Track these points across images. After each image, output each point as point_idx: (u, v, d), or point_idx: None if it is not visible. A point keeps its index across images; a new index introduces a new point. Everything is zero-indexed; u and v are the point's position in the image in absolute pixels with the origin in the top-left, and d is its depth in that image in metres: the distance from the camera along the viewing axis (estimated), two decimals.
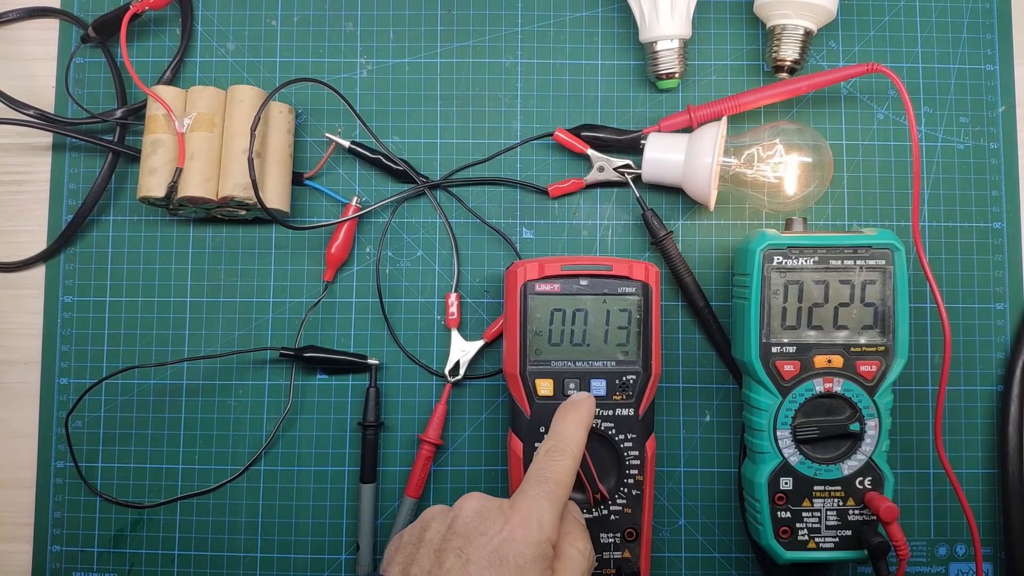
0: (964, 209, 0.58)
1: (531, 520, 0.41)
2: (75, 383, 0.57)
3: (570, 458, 0.45)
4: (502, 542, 0.40)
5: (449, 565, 0.40)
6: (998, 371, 0.58)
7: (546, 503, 0.42)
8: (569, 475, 0.44)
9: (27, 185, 0.59)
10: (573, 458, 0.45)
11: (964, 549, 0.57)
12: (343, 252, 0.57)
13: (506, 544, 0.40)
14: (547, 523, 0.42)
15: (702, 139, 0.53)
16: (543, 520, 0.42)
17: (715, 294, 0.57)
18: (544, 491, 0.43)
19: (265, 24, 0.60)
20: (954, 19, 0.60)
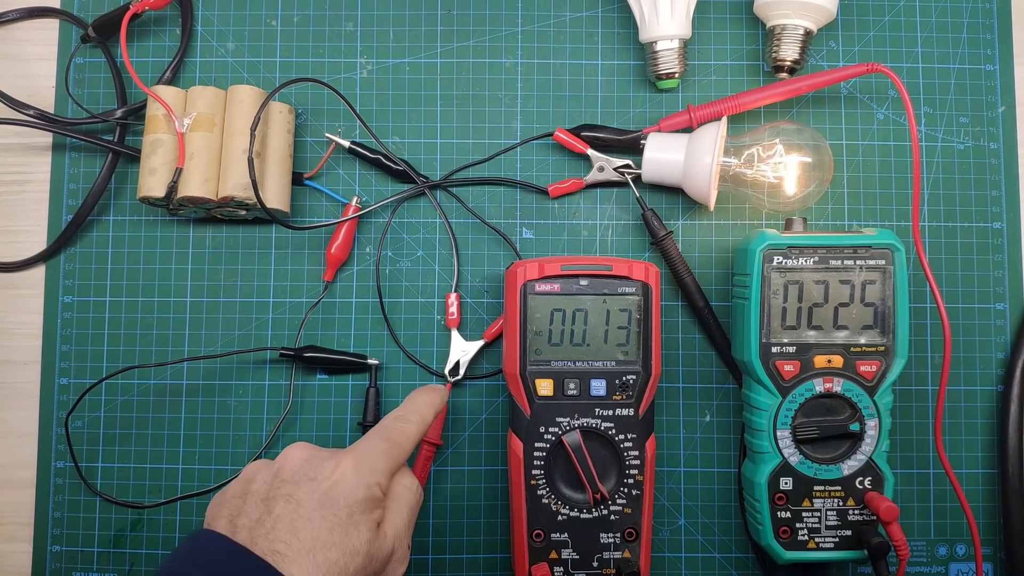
0: (964, 209, 0.58)
1: (363, 463, 0.42)
2: (75, 383, 0.57)
3: (415, 427, 0.47)
4: (332, 484, 0.41)
5: (279, 511, 0.40)
6: (998, 371, 0.58)
7: (383, 455, 0.43)
8: (411, 441, 0.46)
9: (27, 185, 0.59)
10: (418, 428, 0.47)
11: (964, 549, 0.57)
12: (343, 252, 0.57)
13: (336, 487, 0.41)
14: (379, 470, 0.43)
15: (702, 139, 0.53)
16: (375, 467, 0.43)
17: (715, 294, 0.57)
18: (383, 446, 0.44)
19: (265, 24, 0.60)
20: (954, 19, 0.60)
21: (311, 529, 0.39)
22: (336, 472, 0.41)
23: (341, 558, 0.39)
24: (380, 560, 0.41)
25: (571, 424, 0.51)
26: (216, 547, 0.39)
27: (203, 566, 0.38)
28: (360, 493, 0.41)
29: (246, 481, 0.42)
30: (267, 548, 0.38)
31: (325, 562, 0.39)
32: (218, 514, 0.41)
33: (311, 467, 0.42)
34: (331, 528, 0.40)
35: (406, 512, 0.44)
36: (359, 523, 0.41)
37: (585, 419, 0.51)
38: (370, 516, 0.41)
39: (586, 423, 0.51)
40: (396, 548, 0.43)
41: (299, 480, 0.41)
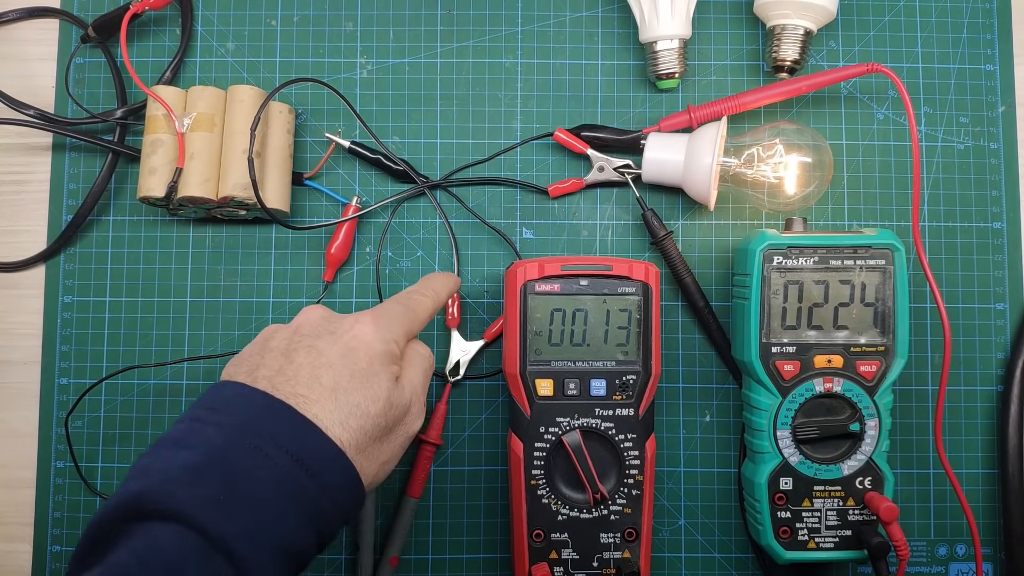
0: (964, 209, 0.58)
1: (381, 321, 0.43)
2: (75, 383, 0.57)
3: (430, 301, 0.48)
4: (352, 337, 0.42)
5: (300, 360, 0.40)
6: (998, 371, 0.58)
7: (399, 317, 0.44)
8: (426, 312, 0.47)
9: (27, 185, 0.59)
10: (433, 303, 0.48)
11: (964, 549, 0.57)
12: (343, 252, 0.57)
13: (356, 339, 0.42)
14: (396, 330, 0.44)
15: (702, 139, 0.53)
16: (392, 326, 0.44)
17: (715, 294, 0.57)
18: (400, 310, 0.45)
19: (265, 24, 0.60)
20: (954, 19, 0.60)
21: (332, 375, 0.40)
22: (356, 327, 0.42)
23: (363, 401, 0.40)
24: (399, 408, 0.42)
25: (571, 424, 0.51)
26: (235, 393, 0.40)
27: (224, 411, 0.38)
28: (379, 347, 0.42)
29: (264, 339, 0.43)
30: (289, 392, 0.39)
31: (347, 404, 0.40)
32: (236, 371, 0.42)
33: (330, 323, 0.43)
34: (352, 375, 0.40)
35: (421, 373, 0.45)
36: (379, 372, 0.41)
37: (585, 419, 0.51)
38: (389, 368, 0.42)
39: (586, 423, 0.51)
40: (413, 402, 0.44)
41: (319, 333, 0.42)
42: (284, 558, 0.36)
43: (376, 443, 0.41)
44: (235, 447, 0.37)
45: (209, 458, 0.36)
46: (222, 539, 0.34)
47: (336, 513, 0.39)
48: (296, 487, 0.37)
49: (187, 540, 0.34)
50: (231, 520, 0.35)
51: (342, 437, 0.39)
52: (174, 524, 0.35)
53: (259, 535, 0.36)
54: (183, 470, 0.36)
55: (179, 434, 0.38)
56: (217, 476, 0.36)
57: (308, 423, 0.38)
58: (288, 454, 0.37)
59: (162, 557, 0.34)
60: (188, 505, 0.35)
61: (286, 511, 0.37)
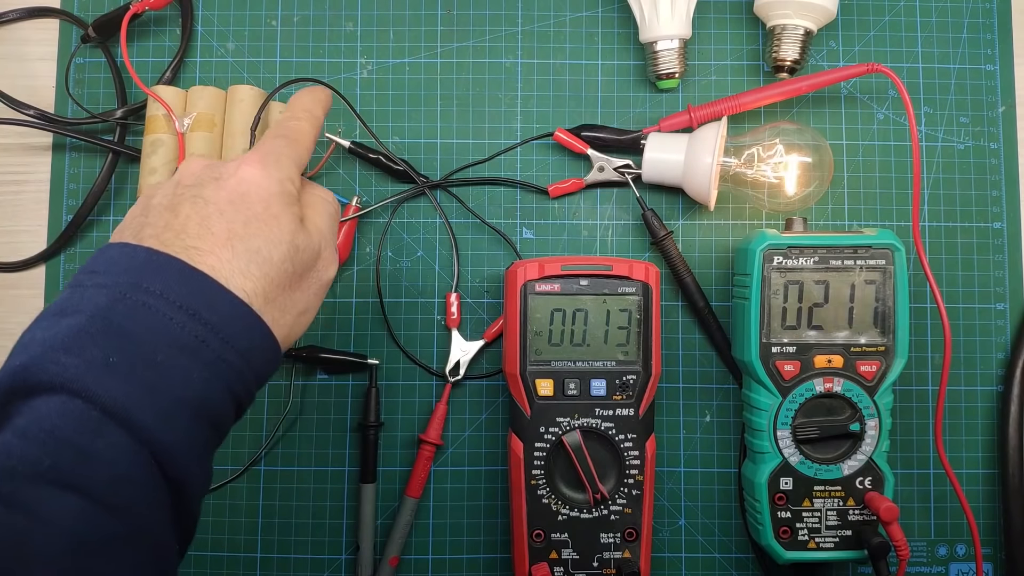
0: (964, 209, 0.58)
1: (269, 158, 0.40)
2: None
3: (307, 124, 0.44)
4: (239, 181, 0.38)
5: (187, 211, 0.37)
6: (998, 371, 0.58)
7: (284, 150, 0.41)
8: (307, 137, 0.43)
9: (27, 185, 0.59)
10: (310, 125, 0.44)
11: (964, 549, 0.57)
12: (343, 252, 0.57)
13: (244, 183, 0.38)
14: (285, 166, 0.40)
15: (702, 139, 0.53)
16: (280, 162, 0.40)
17: (715, 294, 0.57)
18: (281, 143, 0.41)
19: (265, 24, 0.60)
20: (954, 19, 0.60)
21: (225, 222, 0.37)
22: (241, 169, 0.39)
23: (264, 246, 0.37)
24: (307, 252, 0.39)
25: (571, 424, 0.51)
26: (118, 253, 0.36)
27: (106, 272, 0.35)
28: (273, 187, 0.39)
29: (145, 199, 0.40)
30: (180, 247, 0.36)
31: (246, 251, 0.36)
32: (120, 235, 0.38)
33: (212, 170, 0.39)
34: (246, 220, 0.37)
35: (326, 217, 0.42)
36: (277, 215, 0.38)
37: (585, 419, 0.51)
38: (289, 209, 0.39)
39: (586, 423, 0.51)
40: (323, 247, 0.41)
41: (203, 182, 0.38)
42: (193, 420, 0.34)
43: (286, 291, 0.38)
44: (120, 306, 0.34)
45: (92, 321, 0.33)
46: (114, 404, 0.32)
47: (247, 368, 0.36)
48: (194, 341, 0.34)
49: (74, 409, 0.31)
50: (123, 382, 0.32)
51: (244, 287, 0.36)
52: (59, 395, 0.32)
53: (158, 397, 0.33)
54: (65, 337, 0.33)
55: (61, 302, 0.35)
56: (103, 339, 0.33)
57: (200, 274, 0.35)
58: (181, 308, 0.34)
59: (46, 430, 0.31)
60: (73, 372, 0.32)
61: (189, 369, 0.34)
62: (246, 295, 0.36)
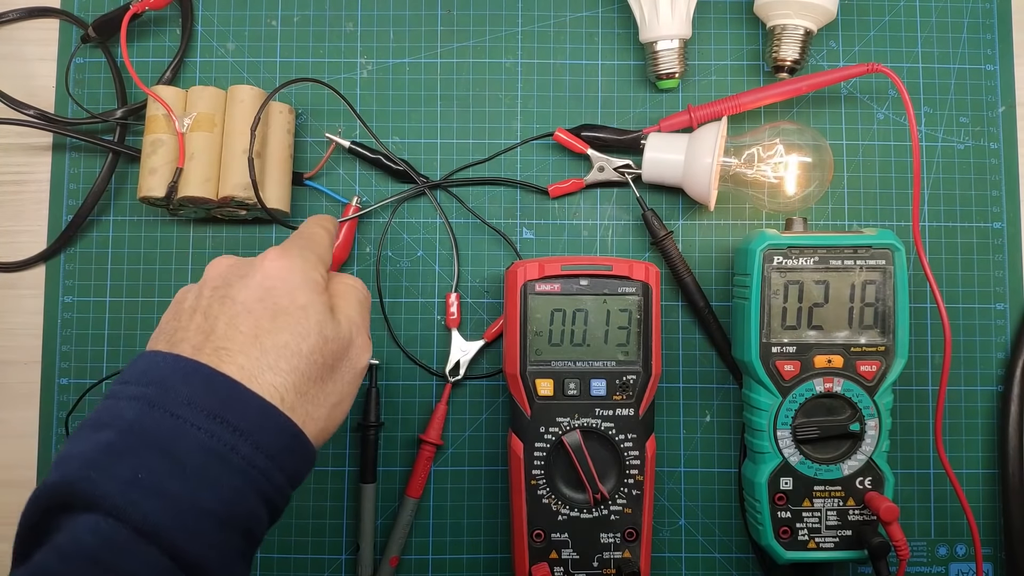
0: (964, 209, 0.58)
1: (290, 251, 0.40)
2: (75, 383, 0.57)
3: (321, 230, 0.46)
4: (265, 276, 0.39)
5: (216, 312, 0.37)
6: (998, 371, 0.58)
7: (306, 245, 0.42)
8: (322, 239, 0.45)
9: (27, 185, 0.59)
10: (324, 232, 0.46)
11: (964, 549, 0.57)
12: (343, 252, 0.57)
13: (270, 277, 0.39)
14: (309, 258, 0.41)
15: (702, 139, 0.53)
16: (304, 254, 0.41)
17: (715, 294, 0.57)
18: (299, 241, 0.43)
19: (265, 24, 0.60)
20: (954, 19, 0.60)
21: (252, 320, 0.37)
22: (265, 263, 0.39)
23: (292, 340, 0.37)
24: (337, 342, 0.39)
25: (571, 424, 0.51)
26: (148, 362, 0.36)
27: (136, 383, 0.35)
28: (296, 277, 0.39)
29: (176, 304, 0.40)
30: (211, 349, 0.36)
31: (274, 346, 0.36)
32: (156, 342, 0.38)
33: (238, 268, 0.40)
34: (274, 315, 0.37)
35: (356, 304, 0.42)
36: (304, 305, 0.38)
37: (585, 419, 0.51)
38: (317, 299, 0.39)
39: (586, 423, 0.51)
40: (355, 335, 0.41)
41: (230, 282, 0.39)
42: (220, 528, 0.33)
43: (318, 384, 0.38)
44: (148, 419, 0.34)
45: (122, 436, 0.33)
46: (143, 522, 0.31)
47: (278, 471, 0.35)
48: (223, 448, 0.34)
49: (107, 529, 0.31)
50: (152, 498, 0.32)
51: (274, 382, 0.36)
52: (94, 513, 0.32)
53: (187, 511, 0.32)
54: (97, 453, 0.33)
55: (96, 415, 0.35)
56: (131, 455, 0.33)
57: (227, 379, 0.35)
58: (208, 415, 0.34)
59: (83, 552, 0.31)
60: (103, 490, 0.32)
61: (218, 478, 0.33)
62: (276, 391, 0.36)
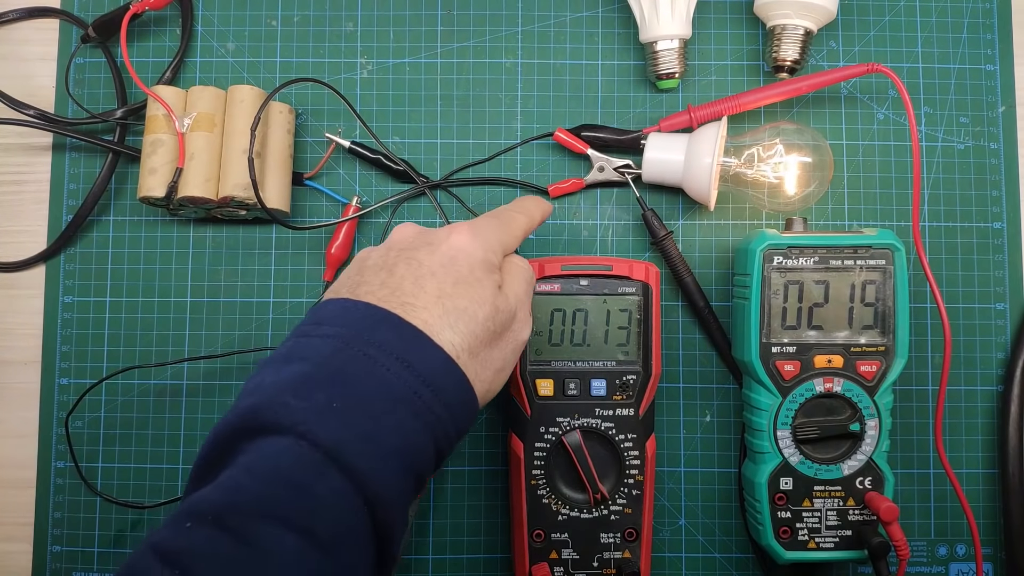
0: (964, 209, 0.58)
1: (478, 231, 0.42)
2: (75, 383, 0.57)
3: (524, 218, 0.47)
4: (450, 247, 0.41)
5: (401, 271, 0.40)
6: (998, 371, 0.58)
7: (495, 229, 0.43)
8: (520, 228, 0.46)
9: (27, 185, 0.59)
10: (526, 220, 0.47)
11: (964, 549, 0.57)
12: (343, 252, 0.57)
13: (454, 248, 0.41)
14: (492, 240, 0.43)
15: (702, 139, 0.53)
16: (489, 237, 0.43)
17: (715, 294, 0.57)
18: (493, 222, 0.44)
19: (265, 24, 0.60)
20: (954, 19, 0.60)
21: (436, 282, 0.39)
22: (452, 236, 0.42)
23: (470, 305, 0.39)
24: (506, 314, 0.41)
25: (571, 424, 0.51)
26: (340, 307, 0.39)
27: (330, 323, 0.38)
28: (477, 254, 0.41)
29: (359, 261, 0.42)
30: (395, 303, 0.38)
31: (454, 308, 0.39)
32: (335, 293, 0.41)
33: (425, 236, 0.42)
34: (455, 281, 0.40)
35: (523, 283, 0.44)
36: (481, 279, 0.40)
37: (585, 419, 0.51)
38: (489, 276, 0.41)
39: (586, 423, 0.51)
40: (519, 309, 0.43)
41: (416, 246, 0.41)
42: (403, 470, 0.35)
43: (487, 348, 0.40)
44: (345, 356, 0.36)
45: (320, 368, 0.36)
46: (336, 448, 0.33)
47: (451, 422, 0.37)
48: (408, 393, 0.36)
49: (300, 452, 0.33)
50: (345, 428, 0.34)
51: (453, 340, 0.38)
52: (287, 437, 0.33)
53: (375, 445, 0.34)
54: (293, 381, 0.35)
55: (286, 350, 0.37)
56: (329, 385, 0.35)
57: (416, 330, 0.37)
58: (397, 360, 0.36)
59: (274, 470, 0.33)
60: (300, 415, 0.34)
61: (402, 419, 0.36)
62: (454, 349, 0.38)
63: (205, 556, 0.31)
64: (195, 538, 0.32)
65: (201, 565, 0.31)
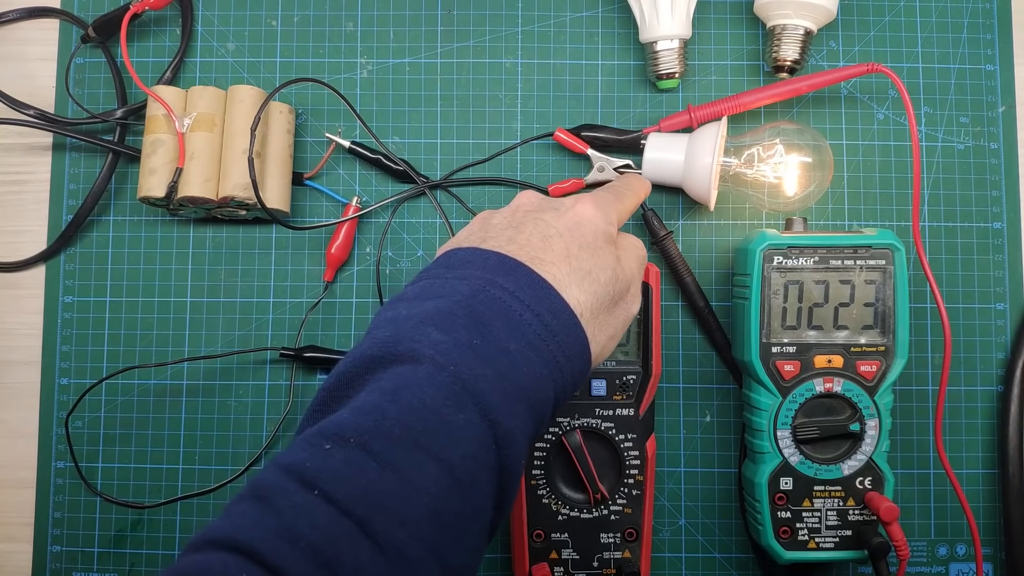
0: (964, 209, 0.58)
1: (601, 202, 0.43)
2: (75, 383, 0.57)
3: (632, 194, 0.48)
4: (576, 213, 0.42)
5: (529, 230, 0.41)
6: (998, 371, 0.58)
7: (612, 203, 0.45)
8: (630, 201, 0.48)
9: (27, 185, 0.59)
10: (634, 200, 0.48)
11: (964, 549, 0.57)
12: (343, 252, 0.57)
13: (580, 214, 0.42)
14: (611, 213, 0.44)
15: (702, 139, 0.53)
16: (608, 210, 0.44)
17: (715, 294, 0.57)
18: (610, 196, 0.46)
19: (265, 24, 0.60)
20: (954, 19, 0.60)
21: (563, 243, 0.40)
22: (578, 205, 0.42)
23: (594, 269, 0.40)
24: (623, 283, 0.42)
25: (571, 424, 0.51)
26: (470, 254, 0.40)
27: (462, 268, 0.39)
28: (600, 224, 0.42)
29: (483, 220, 0.43)
30: (525, 257, 0.39)
31: (580, 269, 0.40)
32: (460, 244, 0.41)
33: (550, 202, 0.43)
34: (581, 245, 0.41)
35: (635, 259, 0.44)
36: (603, 247, 0.41)
37: (585, 419, 0.51)
38: (611, 246, 0.42)
39: (586, 423, 0.51)
40: (632, 282, 0.43)
41: (543, 209, 0.42)
42: (530, 411, 0.36)
43: (605, 312, 0.41)
44: (481, 296, 0.37)
45: (459, 305, 0.36)
46: (475, 383, 0.34)
47: (569, 374, 0.38)
48: (538, 339, 0.37)
49: (442, 382, 0.34)
50: (483, 364, 0.35)
51: (579, 298, 0.39)
52: (427, 366, 0.34)
53: (507, 383, 0.35)
54: (434, 315, 0.36)
55: (419, 289, 0.38)
56: (468, 322, 0.36)
57: (544, 281, 0.38)
58: (529, 307, 0.37)
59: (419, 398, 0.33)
60: (443, 347, 0.35)
61: (533, 364, 0.36)
62: (579, 306, 0.39)
63: (350, 479, 0.31)
64: (336, 460, 0.32)
65: (345, 488, 0.31)
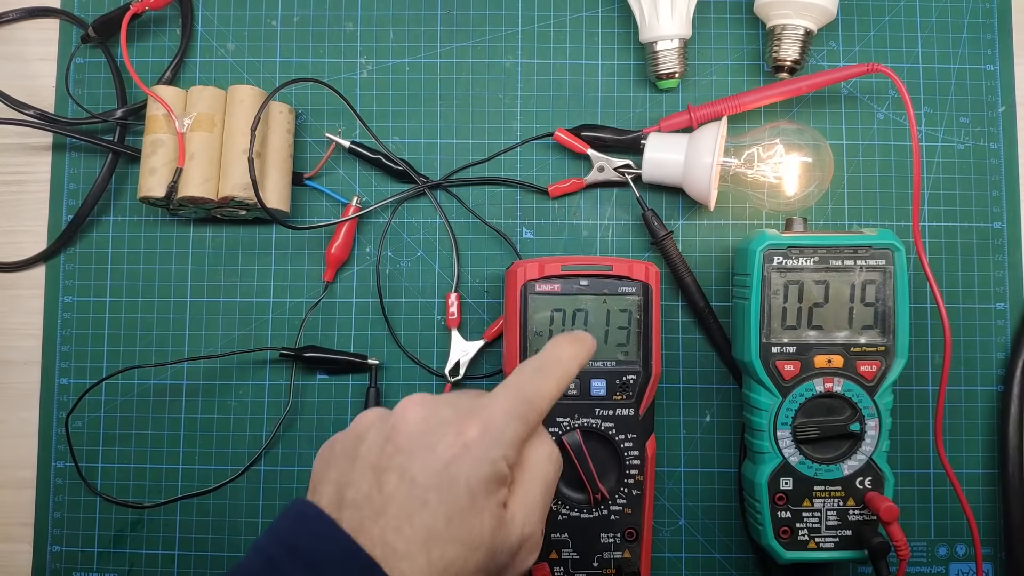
0: (964, 209, 0.58)
1: (490, 431, 0.36)
2: (75, 383, 0.57)
3: (556, 384, 0.39)
4: (452, 459, 0.35)
5: (391, 488, 0.34)
6: (998, 371, 0.58)
7: (514, 420, 0.37)
8: (548, 402, 0.39)
9: (27, 185, 0.59)
10: (558, 386, 0.39)
11: (964, 549, 0.57)
12: (343, 252, 0.57)
13: (457, 461, 0.35)
14: (508, 439, 0.36)
15: (702, 139, 0.53)
16: (504, 435, 0.36)
17: (715, 294, 0.57)
18: (518, 411, 0.37)
19: (265, 24, 0.60)
20: (954, 19, 0.60)
21: (427, 516, 0.34)
22: (458, 442, 0.35)
23: (460, 554, 0.34)
24: (505, 553, 0.36)
25: (571, 424, 0.51)
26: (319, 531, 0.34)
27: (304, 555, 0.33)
28: (484, 471, 0.35)
29: (356, 437, 0.37)
30: (377, 537, 0.33)
31: (441, 560, 0.33)
32: (324, 476, 0.36)
33: (429, 434, 0.36)
34: (449, 517, 0.34)
35: (539, 489, 0.37)
36: (481, 508, 0.35)
37: (585, 419, 0.51)
38: (494, 498, 0.35)
39: (586, 423, 0.51)
40: (525, 535, 0.37)
41: (414, 449, 0.35)
42: None
43: None
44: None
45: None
46: None
47: None
48: None
49: None
50: None
51: None
52: None
53: None
54: None
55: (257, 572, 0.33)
56: None
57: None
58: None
59: None
60: None
61: None
62: None
63: None
64: None
65: None
